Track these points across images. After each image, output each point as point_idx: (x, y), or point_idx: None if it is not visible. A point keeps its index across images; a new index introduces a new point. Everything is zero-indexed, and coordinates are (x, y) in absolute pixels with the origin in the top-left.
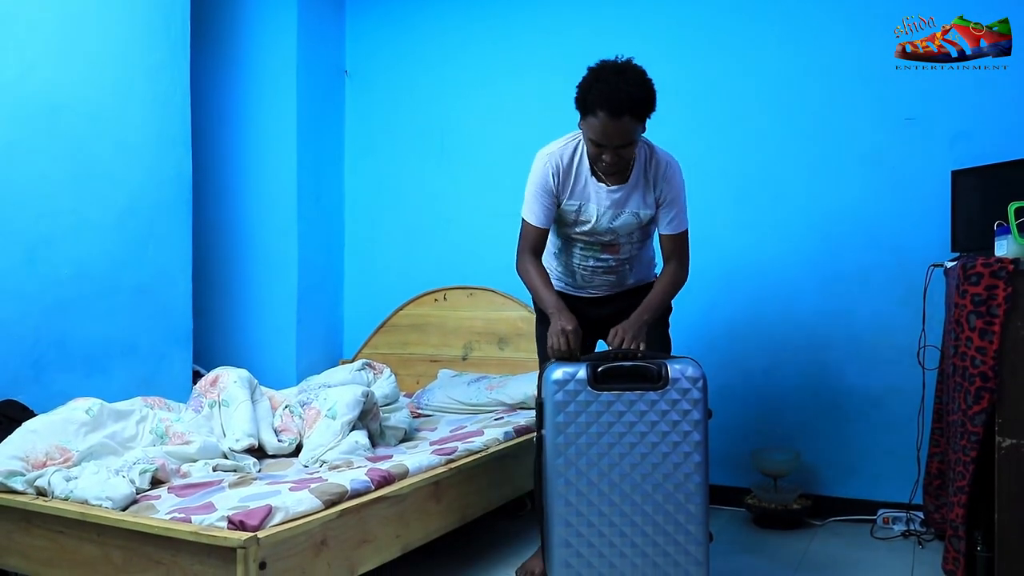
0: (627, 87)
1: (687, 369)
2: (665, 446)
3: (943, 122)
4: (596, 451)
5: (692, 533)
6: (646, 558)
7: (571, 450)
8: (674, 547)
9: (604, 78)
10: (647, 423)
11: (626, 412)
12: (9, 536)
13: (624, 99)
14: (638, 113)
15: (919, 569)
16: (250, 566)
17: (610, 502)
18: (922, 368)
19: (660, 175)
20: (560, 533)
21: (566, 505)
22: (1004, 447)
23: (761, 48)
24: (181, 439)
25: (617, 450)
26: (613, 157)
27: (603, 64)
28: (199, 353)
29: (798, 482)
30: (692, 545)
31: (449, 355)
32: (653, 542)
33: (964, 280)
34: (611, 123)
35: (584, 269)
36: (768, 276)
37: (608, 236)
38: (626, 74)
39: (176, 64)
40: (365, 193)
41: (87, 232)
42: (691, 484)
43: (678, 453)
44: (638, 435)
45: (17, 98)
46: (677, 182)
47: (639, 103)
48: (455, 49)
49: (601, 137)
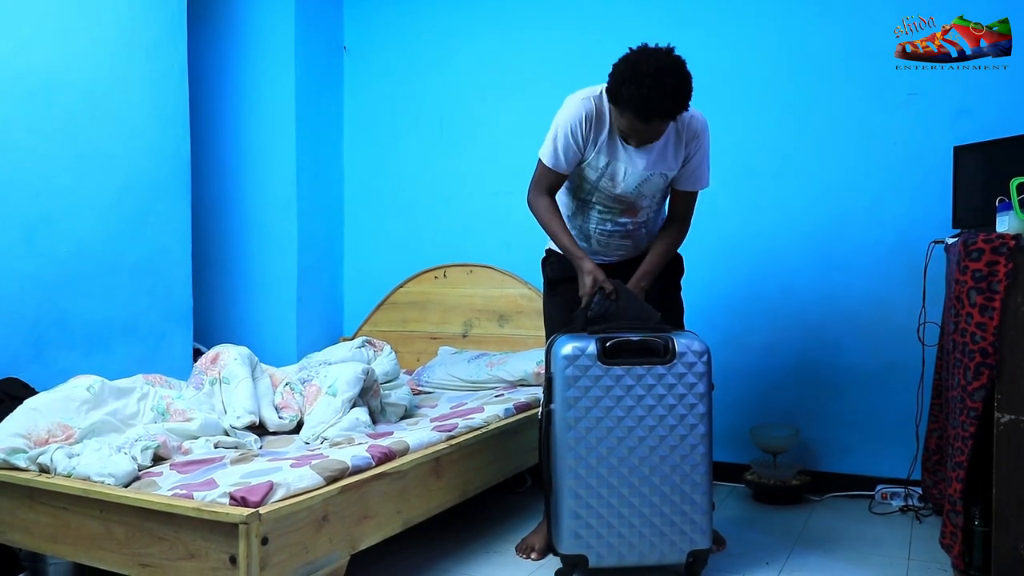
0: (659, 97)
1: (693, 343)
2: (672, 418)
3: (945, 98)
4: (606, 424)
5: (697, 503)
6: (653, 527)
7: (581, 424)
8: (680, 516)
9: (639, 80)
10: (655, 396)
11: (635, 385)
12: (12, 512)
13: (654, 107)
14: (668, 117)
15: (917, 544)
16: (252, 542)
17: (619, 474)
18: (922, 344)
19: (692, 133)
20: (570, 505)
21: (576, 478)
22: (1003, 423)
23: (763, 24)
24: (182, 416)
25: (626, 423)
26: (640, 142)
27: (643, 55)
28: (199, 331)
29: (797, 458)
30: (697, 514)
31: (449, 332)
32: (660, 512)
33: (965, 256)
34: (639, 125)
35: (601, 234)
36: (768, 252)
37: (632, 198)
38: (663, 78)
39: (173, 41)
40: (364, 170)
41: (86, 211)
42: (696, 455)
43: (684, 425)
44: (646, 408)
45: (13, 76)
46: (706, 139)
47: (669, 110)
48: (454, 24)
49: (628, 133)
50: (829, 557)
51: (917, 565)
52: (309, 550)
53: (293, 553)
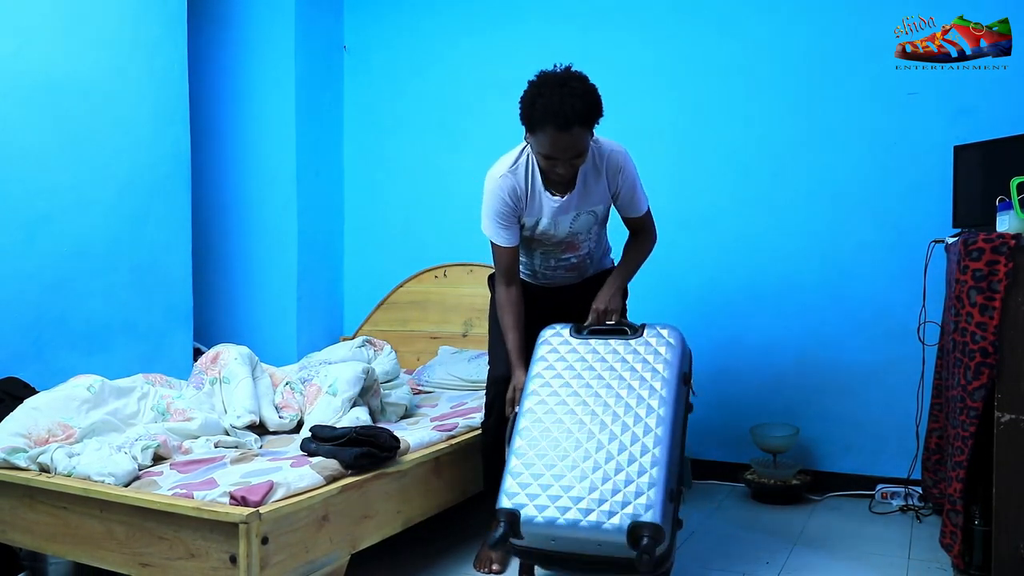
0: (571, 99)
1: (664, 326)
2: (639, 392)
3: (945, 97)
4: (569, 389)
5: (654, 478)
6: (592, 487)
7: (544, 389)
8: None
9: (546, 92)
10: (621, 361)
11: (602, 354)
12: (13, 512)
13: (569, 111)
14: (586, 123)
15: (917, 543)
16: (252, 541)
17: (572, 437)
18: (922, 344)
19: (614, 169)
20: (513, 464)
21: (526, 438)
22: (1003, 422)
23: (763, 24)
24: (182, 416)
25: (591, 389)
26: (567, 168)
27: (543, 76)
28: (199, 330)
29: (797, 458)
30: (650, 489)
31: (449, 332)
32: (604, 474)
33: (965, 255)
34: (560, 136)
35: (546, 269)
36: (768, 252)
37: (568, 239)
38: (569, 85)
39: (174, 39)
40: (365, 169)
41: (86, 210)
42: (661, 432)
43: (653, 398)
44: (612, 376)
45: (13, 74)
46: (629, 170)
47: (585, 113)
48: (454, 24)
49: (552, 151)
50: (829, 557)
51: (917, 565)
52: (309, 550)
53: (293, 553)
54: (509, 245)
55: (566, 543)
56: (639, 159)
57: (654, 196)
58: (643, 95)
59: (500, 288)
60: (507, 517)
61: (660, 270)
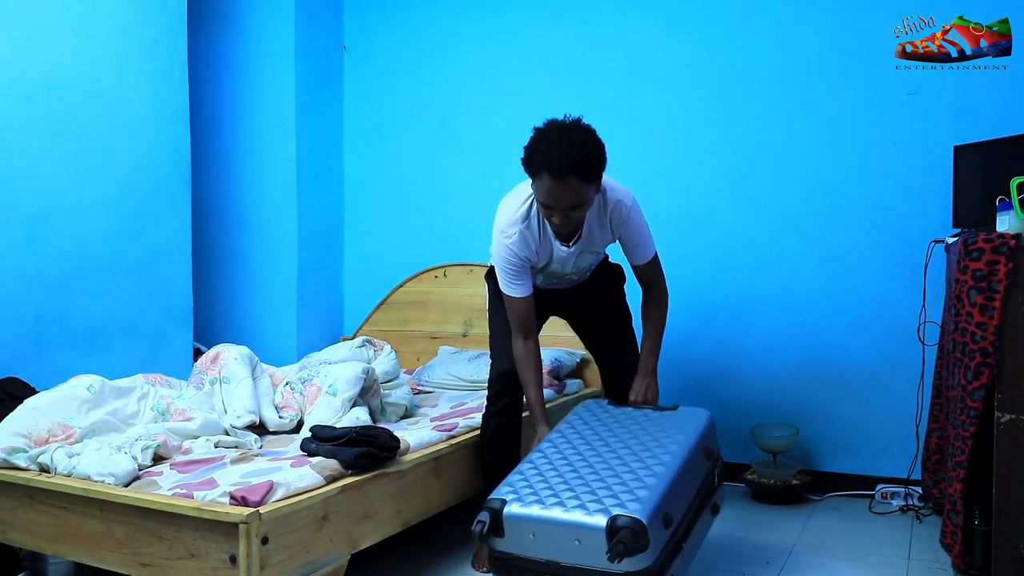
0: (569, 148)
1: (697, 408)
2: (657, 433)
3: (945, 97)
4: (590, 431)
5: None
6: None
7: (568, 429)
8: (620, 486)
9: (547, 139)
10: (648, 422)
11: (633, 416)
12: (13, 512)
13: (566, 160)
14: (583, 174)
15: (917, 543)
16: (252, 541)
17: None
18: (922, 344)
19: (617, 221)
20: (520, 467)
21: (530, 460)
22: (1003, 422)
23: (763, 24)
24: (182, 416)
25: (610, 430)
26: (562, 219)
27: (549, 124)
28: (199, 330)
29: (797, 458)
30: (642, 491)
31: (449, 332)
32: (601, 478)
33: (965, 255)
34: (556, 185)
35: (548, 287)
36: (768, 252)
37: (573, 270)
38: (570, 134)
39: (174, 40)
40: (364, 169)
41: (86, 210)
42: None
43: (663, 441)
44: (636, 425)
45: (13, 74)
46: (634, 220)
47: (583, 164)
48: (454, 24)
49: (548, 199)
50: (829, 557)
51: (917, 565)
52: (309, 550)
53: (293, 553)
54: (524, 296)
55: (545, 540)
56: (639, 159)
57: (655, 196)
58: (643, 95)
59: (518, 342)
60: (490, 507)
61: None
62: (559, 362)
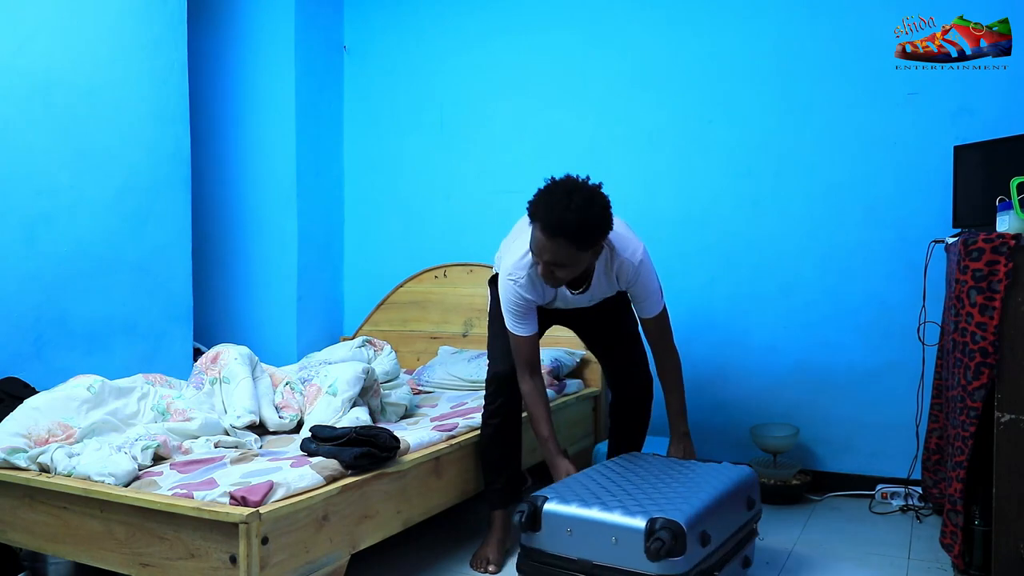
0: (565, 212)
1: (738, 463)
2: (697, 474)
3: (945, 97)
4: (631, 466)
5: (688, 500)
6: (628, 495)
7: (600, 464)
8: (663, 498)
9: (551, 195)
10: (690, 466)
11: (672, 462)
12: (13, 512)
13: (558, 222)
14: (574, 239)
15: (917, 543)
16: (252, 541)
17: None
18: (922, 344)
19: (623, 279)
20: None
21: (567, 482)
22: (1003, 422)
23: (763, 24)
24: (182, 416)
25: (647, 469)
26: (545, 269)
27: (562, 180)
28: (199, 330)
29: (797, 458)
30: (681, 501)
31: (449, 332)
32: (644, 491)
33: (965, 255)
34: (545, 241)
35: (555, 309)
36: (769, 252)
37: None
38: (574, 196)
39: (173, 39)
40: (365, 169)
41: (86, 209)
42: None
43: (704, 479)
44: (676, 467)
45: (12, 74)
46: (643, 276)
47: (575, 229)
48: (454, 24)
49: (535, 248)
50: (829, 557)
51: (917, 565)
52: (309, 550)
53: (293, 553)
54: (530, 334)
55: (581, 537)
56: (640, 160)
57: (655, 196)
58: (644, 96)
59: (524, 381)
60: (531, 501)
61: (660, 270)
62: (559, 362)
